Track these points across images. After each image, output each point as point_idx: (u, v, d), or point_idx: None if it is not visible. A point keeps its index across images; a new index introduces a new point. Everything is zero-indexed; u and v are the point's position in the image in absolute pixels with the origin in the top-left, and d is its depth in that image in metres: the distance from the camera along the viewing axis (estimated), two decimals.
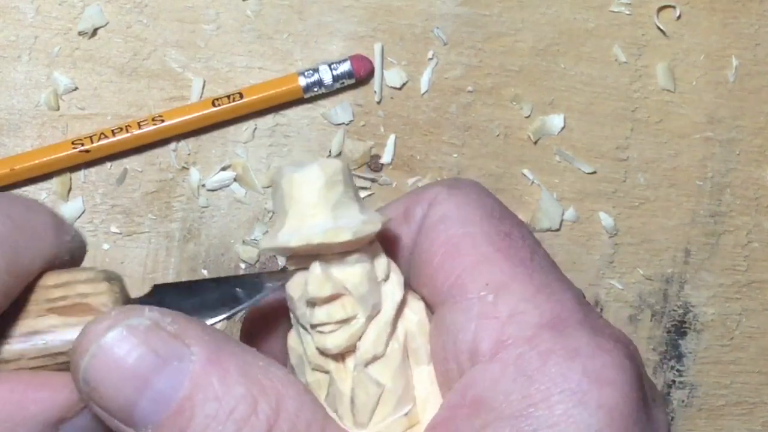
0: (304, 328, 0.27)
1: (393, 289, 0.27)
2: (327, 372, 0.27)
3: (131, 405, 0.24)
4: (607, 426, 0.24)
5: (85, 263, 0.46)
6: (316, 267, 0.26)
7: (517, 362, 0.25)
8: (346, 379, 0.27)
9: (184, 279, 0.47)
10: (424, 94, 0.48)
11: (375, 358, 0.27)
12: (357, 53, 0.47)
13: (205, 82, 0.46)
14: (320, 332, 0.26)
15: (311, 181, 0.26)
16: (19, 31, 0.46)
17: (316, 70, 0.46)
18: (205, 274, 0.46)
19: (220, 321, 0.27)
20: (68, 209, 0.46)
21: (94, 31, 0.46)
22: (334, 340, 0.26)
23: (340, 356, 0.27)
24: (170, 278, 0.47)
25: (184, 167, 0.46)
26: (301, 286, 0.26)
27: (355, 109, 0.47)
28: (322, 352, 0.27)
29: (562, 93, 0.48)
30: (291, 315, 0.27)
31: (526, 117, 0.48)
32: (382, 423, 0.27)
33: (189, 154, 0.47)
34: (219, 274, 0.47)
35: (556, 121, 0.48)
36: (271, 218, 0.47)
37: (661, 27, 0.49)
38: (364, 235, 0.25)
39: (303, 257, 0.26)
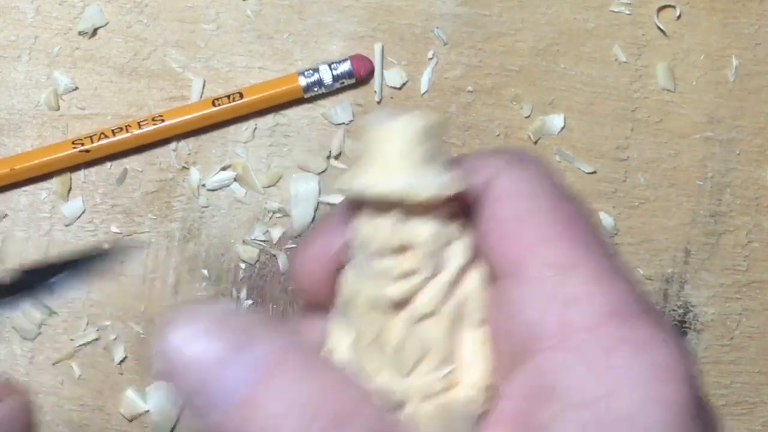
0: (363, 274, 0.27)
1: (459, 251, 0.27)
2: (376, 319, 0.27)
3: (198, 393, 0.24)
4: (674, 422, 0.23)
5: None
6: (390, 217, 0.26)
7: (586, 351, 0.24)
8: (394, 330, 0.27)
9: (183, 279, 0.47)
10: (424, 94, 0.48)
11: (429, 315, 0.26)
12: (357, 53, 0.47)
13: (205, 82, 0.46)
14: (381, 280, 0.26)
15: (401, 133, 0.26)
16: (19, 31, 0.46)
17: (316, 70, 0.46)
18: (205, 274, 0.46)
19: None
20: (68, 209, 0.46)
21: (94, 31, 0.46)
22: (394, 291, 0.26)
23: (393, 307, 0.27)
24: (170, 279, 0.47)
25: (184, 167, 0.47)
26: (371, 232, 0.26)
27: (356, 109, 0.47)
28: (377, 300, 0.27)
29: (562, 93, 0.48)
30: (350, 257, 0.27)
31: (526, 117, 0.48)
32: (423, 379, 0.27)
33: (189, 154, 0.47)
34: (219, 274, 0.47)
35: (556, 121, 0.48)
36: (271, 218, 0.47)
37: (661, 27, 0.49)
38: (443, 195, 0.26)
39: (378, 204, 0.26)
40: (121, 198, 0.46)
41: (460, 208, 0.27)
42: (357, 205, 0.27)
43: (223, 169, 0.47)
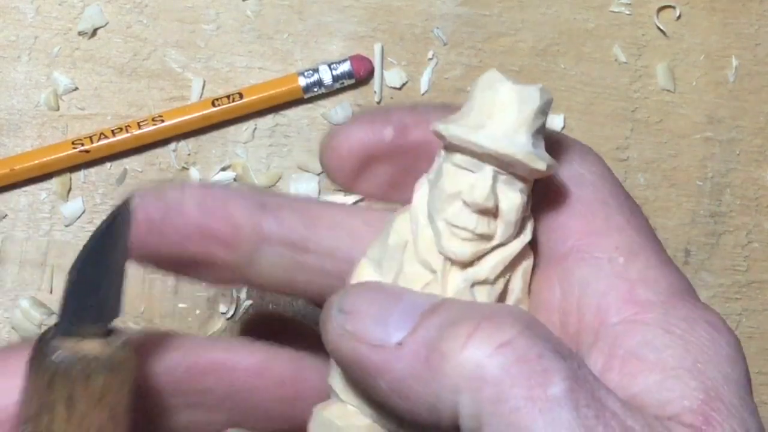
0: (434, 223, 0.27)
1: (529, 229, 0.27)
2: (431, 271, 0.27)
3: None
4: (748, 398, 0.25)
5: None
6: (490, 176, 0.26)
7: (664, 324, 0.25)
8: (447, 287, 0.26)
9: (183, 279, 0.47)
10: (424, 94, 0.48)
11: (485, 282, 0.27)
12: (357, 53, 0.47)
13: (205, 82, 0.46)
14: (454, 234, 0.26)
15: (527, 101, 0.26)
16: (19, 31, 0.46)
17: (316, 70, 0.46)
18: None
19: None
20: (68, 209, 0.46)
21: (94, 32, 0.46)
22: (464, 248, 0.26)
23: (452, 264, 0.27)
24: (170, 279, 0.47)
25: (184, 167, 0.47)
26: (460, 184, 0.26)
27: (356, 109, 0.47)
28: (445, 251, 0.26)
29: (562, 93, 0.48)
30: (415, 203, 0.27)
31: None
32: None
33: (189, 155, 0.47)
34: None
35: (556, 121, 0.48)
36: None
37: (661, 27, 0.49)
38: (551, 171, 0.26)
39: (472, 160, 0.26)
40: (121, 198, 0.46)
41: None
42: (448, 147, 0.26)
43: (223, 169, 0.47)
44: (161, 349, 0.28)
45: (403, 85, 0.47)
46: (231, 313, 0.47)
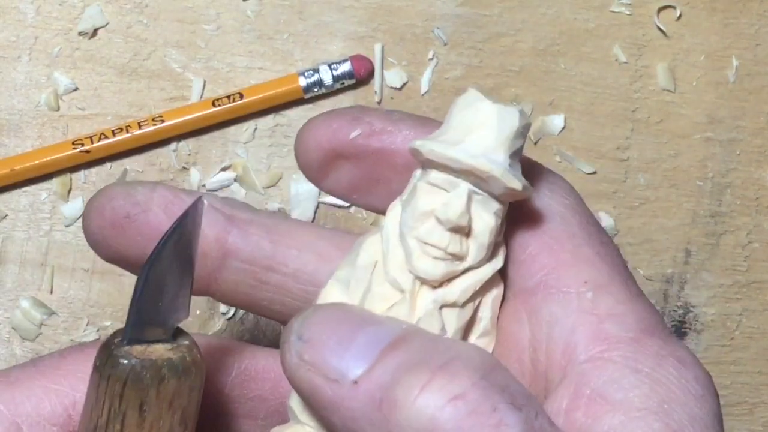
0: (405, 241, 0.26)
1: (500, 255, 0.27)
2: (400, 290, 0.26)
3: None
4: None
5: (85, 263, 0.46)
6: (465, 194, 0.26)
7: (632, 362, 0.25)
8: (416, 308, 0.26)
9: None
10: (424, 94, 0.48)
11: (454, 305, 0.26)
12: (357, 53, 0.47)
13: (205, 82, 0.46)
14: (426, 253, 0.26)
15: (507, 120, 0.26)
16: (19, 31, 0.46)
17: (316, 71, 0.46)
18: None
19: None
20: (68, 209, 0.46)
21: (95, 32, 0.46)
22: (435, 267, 0.26)
23: (421, 284, 0.26)
24: None
25: (184, 167, 0.47)
26: (435, 202, 0.26)
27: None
28: (415, 270, 0.26)
29: (562, 93, 0.48)
30: (387, 224, 0.27)
31: None
32: None
33: (189, 155, 0.47)
34: None
35: (556, 121, 0.48)
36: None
37: (661, 27, 0.49)
38: (526, 194, 0.26)
39: (452, 177, 0.26)
40: None
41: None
42: (424, 163, 0.26)
43: (224, 169, 0.47)
44: (220, 353, 0.28)
45: (404, 85, 0.47)
46: (231, 313, 0.47)
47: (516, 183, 0.25)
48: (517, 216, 0.27)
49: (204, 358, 0.26)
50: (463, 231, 0.26)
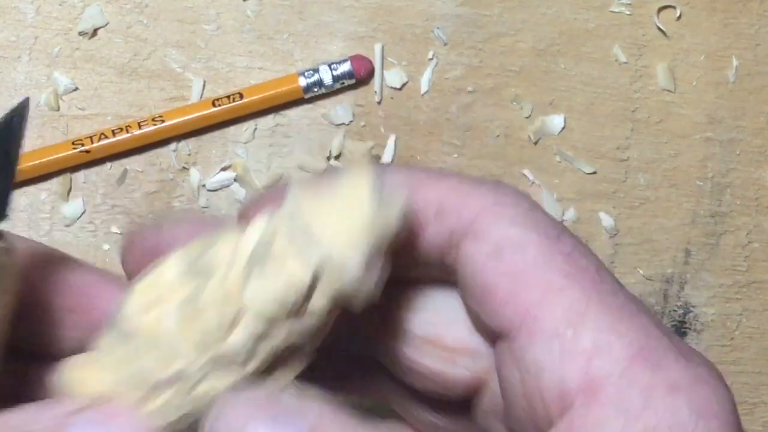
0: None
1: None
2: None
3: None
4: None
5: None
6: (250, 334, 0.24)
7: (618, 401, 0.23)
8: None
9: None
10: (424, 94, 0.48)
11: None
12: (357, 53, 0.47)
13: (205, 82, 0.46)
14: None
15: (371, 210, 0.24)
16: (19, 31, 0.46)
17: (316, 71, 0.46)
18: None
19: None
20: (68, 209, 0.46)
21: (95, 32, 0.46)
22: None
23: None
24: None
25: (184, 167, 0.47)
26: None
27: (356, 109, 0.47)
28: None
29: (562, 93, 0.48)
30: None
31: (526, 117, 0.48)
32: None
33: (189, 155, 0.47)
34: None
35: (556, 121, 0.48)
36: None
37: (661, 27, 0.49)
38: (366, 300, 0.25)
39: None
40: (121, 198, 0.46)
41: (414, 241, 0.26)
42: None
43: (224, 169, 0.47)
44: (42, 260, 0.27)
45: (404, 85, 0.47)
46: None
47: (369, 288, 0.24)
48: (481, 254, 0.25)
49: (20, 263, 0.25)
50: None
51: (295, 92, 0.46)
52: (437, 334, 0.28)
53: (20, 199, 0.46)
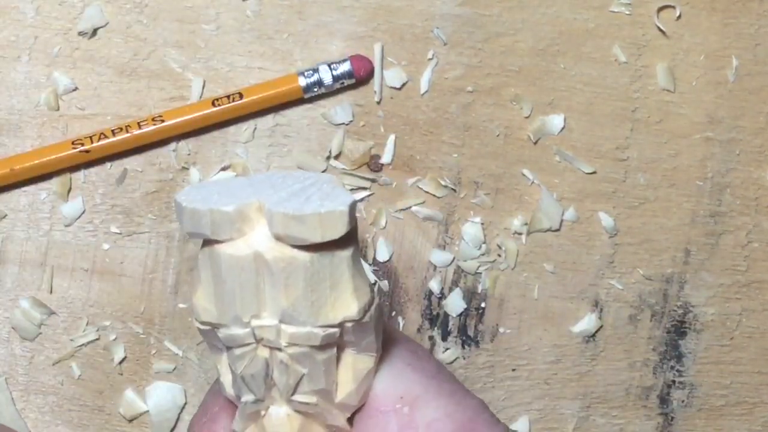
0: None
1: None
2: None
3: None
4: None
5: (85, 263, 0.47)
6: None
7: None
8: None
9: (183, 279, 0.47)
10: (424, 94, 0.48)
11: None
12: (357, 53, 0.47)
13: (205, 82, 0.46)
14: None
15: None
16: (19, 31, 0.46)
17: (316, 70, 0.46)
18: None
19: None
20: (68, 209, 0.46)
21: (94, 31, 0.46)
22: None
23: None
24: (170, 279, 0.47)
25: (184, 167, 0.47)
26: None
27: (355, 109, 0.47)
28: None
29: (562, 93, 0.48)
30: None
31: (526, 117, 0.48)
32: None
33: (189, 154, 0.47)
34: None
35: (556, 121, 0.48)
36: None
37: (661, 27, 0.49)
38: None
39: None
40: (121, 198, 0.46)
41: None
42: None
43: (223, 169, 0.47)
44: None
45: (403, 85, 0.47)
46: None
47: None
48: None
49: None
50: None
51: (295, 92, 0.46)
52: None
53: (20, 199, 0.46)
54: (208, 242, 0.26)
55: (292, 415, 0.27)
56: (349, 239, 0.26)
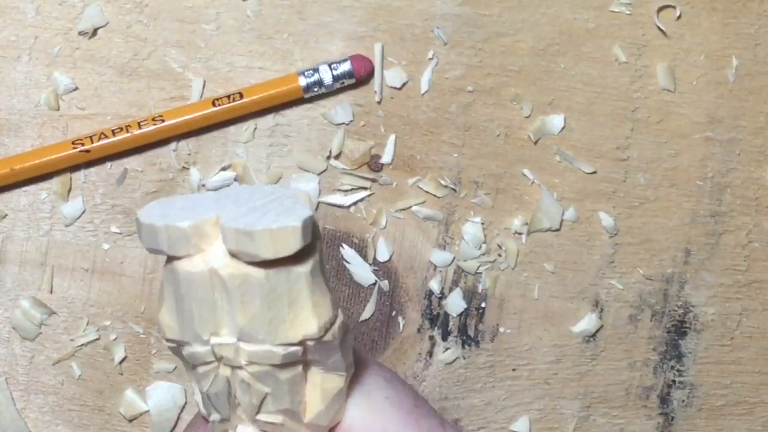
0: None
1: None
2: None
3: None
4: None
5: (85, 263, 0.47)
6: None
7: None
8: None
9: None
10: (424, 94, 0.48)
11: None
12: (357, 53, 0.47)
13: (205, 82, 0.46)
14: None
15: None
16: (19, 31, 0.46)
17: (316, 70, 0.46)
18: None
19: None
20: (68, 209, 0.46)
21: (94, 31, 0.46)
22: None
23: None
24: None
25: (184, 167, 0.47)
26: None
27: (356, 109, 0.47)
28: None
29: (562, 93, 0.48)
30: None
31: (526, 117, 0.48)
32: None
33: (189, 154, 0.47)
34: None
35: (556, 121, 0.48)
36: None
37: (661, 27, 0.49)
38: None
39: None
40: (121, 198, 0.46)
41: None
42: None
43: (224, 169, 0.47)
44: None
45: (403, 84, 0.47)
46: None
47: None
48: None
49: None
50: None
51: (295, 92, 0.46)
52: None
53: (20, 198, 0.46)
54: (169, 258, 0.25)
55: None
56: (308, 254, 0.25)
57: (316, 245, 0.26)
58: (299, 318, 0.25)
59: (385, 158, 0.48)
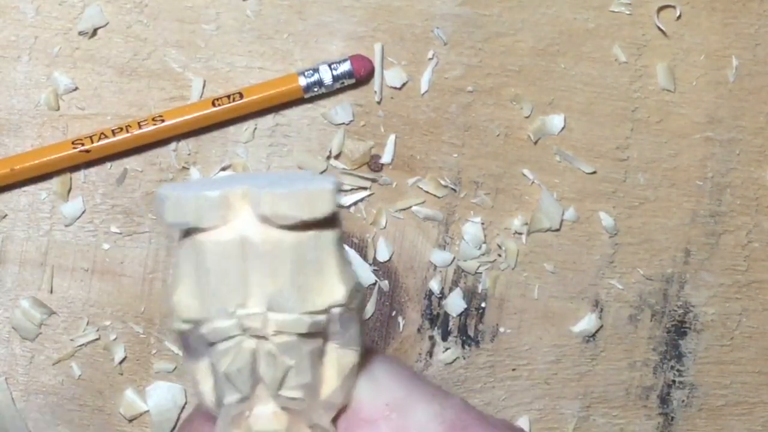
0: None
1: None
2: None
3: None
4: None
5: (85, 263, 0.47)
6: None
7: None
8: None
9: None
10: (424, 94, 0.48)
11: None
12: (357, 53, 0.47)
13: (205, 82, 0.46)
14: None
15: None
16: (19, 31, 0.46)
17: (316, 70, 0.46)
18: None
19: None
20: (68, 209, 0.46)
21: (94, 31, 0.46)
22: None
23: None
24: (170, 279, 0.47)
25: (184, 167, 0.47)
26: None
27: (356, 109, 0.47)
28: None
29: (562, 93, 0.48)
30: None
31: (526, 117, 0.48)
32: None
33: (189, 154, 0.47)
34: None
35: (556, 121, 0.48)
36: None
37: (661, 27, 0.49)
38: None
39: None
40: (121, 198, 0.46)
41: None
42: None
43: (223, 169, 0.47)
44: None
45: (403, 85, 0.47)
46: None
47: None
48: None
49: None
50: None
51: (295, 92, 0.46)
52: None
53: (20, 199, 0.46)
54: (189, 234, 0.26)
55: (278, 413, 0.27)
56: (334, 222, 0.26)
57: (339, 217, 0.26)
58: (327, 285, 0.25)
59: (385, 158, 0.48)
